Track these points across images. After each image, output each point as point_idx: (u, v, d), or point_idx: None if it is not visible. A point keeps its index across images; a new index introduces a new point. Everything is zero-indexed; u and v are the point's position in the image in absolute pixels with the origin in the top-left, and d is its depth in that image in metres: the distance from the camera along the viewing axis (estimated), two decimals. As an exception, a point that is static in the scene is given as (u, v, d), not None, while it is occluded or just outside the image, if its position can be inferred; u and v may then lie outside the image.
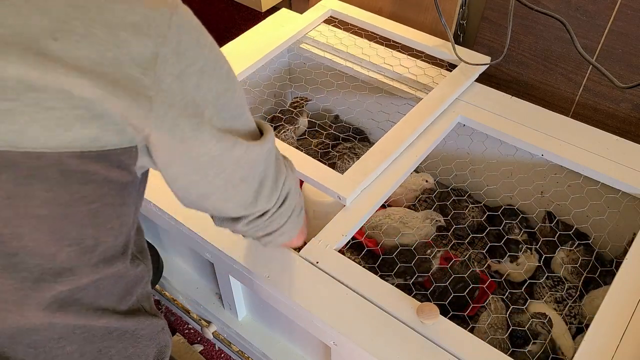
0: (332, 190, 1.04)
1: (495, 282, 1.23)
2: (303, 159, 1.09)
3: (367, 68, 1.40)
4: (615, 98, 1.26)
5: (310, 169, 1.07)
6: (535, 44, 1.31)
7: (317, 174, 1.06)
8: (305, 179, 1.07)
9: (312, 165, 1.08)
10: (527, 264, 1.21)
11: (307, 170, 1.06)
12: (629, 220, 1.17)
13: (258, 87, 1.46)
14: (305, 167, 1.07)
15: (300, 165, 1.06)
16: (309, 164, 1.08)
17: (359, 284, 0.93)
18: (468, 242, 1.35)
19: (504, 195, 1.32)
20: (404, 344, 0.85)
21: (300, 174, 1.06)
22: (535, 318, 1.06)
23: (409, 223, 1.25)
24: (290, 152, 1.11)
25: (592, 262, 1.18)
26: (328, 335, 0.91)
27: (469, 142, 1.31)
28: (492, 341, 1.02)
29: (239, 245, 1.00)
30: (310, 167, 1.07)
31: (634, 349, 0.85)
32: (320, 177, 1.06)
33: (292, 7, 1.73)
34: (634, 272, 0.95)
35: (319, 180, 1.05)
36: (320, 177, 1.06)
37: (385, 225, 1.25)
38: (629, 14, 1.15)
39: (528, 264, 1.21)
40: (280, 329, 1.16)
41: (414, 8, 1.44)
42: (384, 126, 1.37)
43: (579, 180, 1.20)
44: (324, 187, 1.05)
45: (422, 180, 1.35)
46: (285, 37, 1.39)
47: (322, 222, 1.04)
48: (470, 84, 1.27)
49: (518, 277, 1.21)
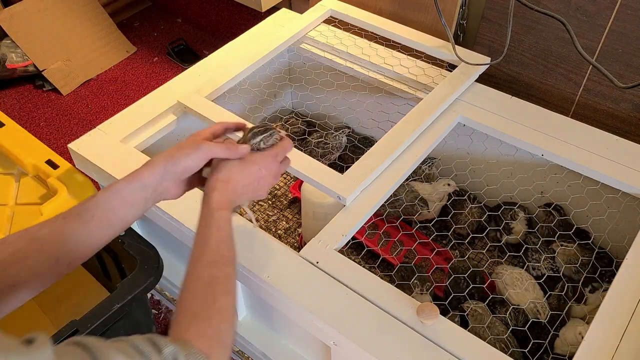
0: (332, 190, 1.04)
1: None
2: (303, 159, 1.09)
3: (367, 68, 1.39)
4: (615, 98, 1.26)
5: (310, 169, 1.07)
6: (535, 44, 1.31)
7: (317, 174, 1.06)
8: (305, 179, 1.07)
9: (312, 165, 1.08)
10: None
11: (307, 170, 1.06)
12: (629, 220, 1.17)
13: (258, 87, 1.46)
14: (305, 167, 1.07)
15: (300, 165, 1.06)
16: (309, 164, 1.08)
17: (359, 284, 0.93)
18: (468, 242, 1.35)
19: (504, 195, 1.32)
20: (404, 344, 0.85)
21: (301, 174, 1.06)
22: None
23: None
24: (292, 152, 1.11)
25: (592, 262, 1.18)
26: (328, 335, 0.91)
27: (469, 142, 1.31)
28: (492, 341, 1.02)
29: (239, 245, 0.99)
30: (310, 167, 1.07)
31: (634, 349, 0.85)
32: (320, 177, 1.05)
33: (292, 7, 1.74)
34: (634, 272, 0.95)
35: (319, 180, 1.05)
36: (320, 177, 1.06)
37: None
38: (629, 14, 1.15)
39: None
40: (280, 329, 1.16)
41: (414, 8, 1.44)
42: (384, 126, 1.37)
43: (579, 180, 1.20)
44: (324, 187, 1.05)
45: (444, 185, 1.34)
46: (285, 37, 1.39)
47: (322, 222, 1.04)
48: (470, 84, 1.27)
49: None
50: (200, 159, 0.78)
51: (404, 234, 1.37)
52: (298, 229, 1.44)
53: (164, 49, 2.18)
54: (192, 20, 2.30)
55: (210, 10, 2.18)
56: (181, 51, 2.14)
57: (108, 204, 0.73)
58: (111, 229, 0.74)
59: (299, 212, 1.47)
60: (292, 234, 1.43)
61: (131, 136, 1.19)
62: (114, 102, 1.98)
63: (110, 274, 1.26)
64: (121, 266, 1.17)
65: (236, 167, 0.79)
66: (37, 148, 1.29)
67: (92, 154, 1.14)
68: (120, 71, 2.11)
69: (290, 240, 1.42)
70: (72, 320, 0.95)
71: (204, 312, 0.67)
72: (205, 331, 0.65)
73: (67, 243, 0.70)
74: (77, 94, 2.02)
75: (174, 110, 1.25)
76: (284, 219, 1.47)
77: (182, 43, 2.17)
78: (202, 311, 0.67)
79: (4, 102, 1.99)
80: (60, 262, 0.70)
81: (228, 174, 0.78)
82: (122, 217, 0.74)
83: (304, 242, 1.32)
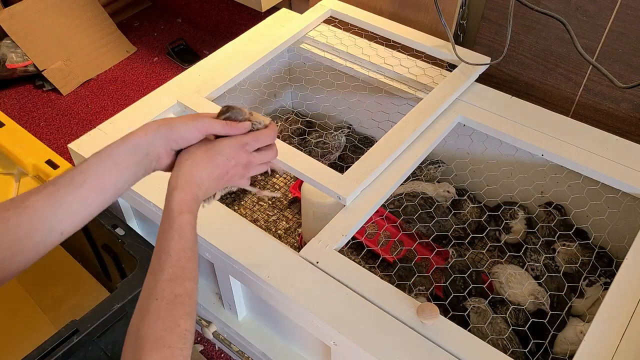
0: (332, 190, 1.04)
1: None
2: (303, 159, 1.09)
3: (367, 68, 1.39)
4: (615, 98, 1.26)
5: (311, 169, 1.07)
6: (535, 44, 1.31)
7: (317, 174, 1.06)
8: (305, 179, 1.07)
9: (312, 165, 1.08)
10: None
11: (307, 170, 1.06)
12: (629, 220, 1.17)
13: (258, 87, 1.46)
14: (305, 167, 1.06)
15: (300, 165, 1.06)
16: (309, 164, 1.08)
17: (359, 284, 0.93)
18: (468, 242, 1.35)
19: (504, 195, 1.32)
20: (404, 344, 0.85)
21: (301, 174, 1.06)
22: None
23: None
24: (292, 152, 1.11)
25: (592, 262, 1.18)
26: (328, 335, 0.91)
27: (469, 142, 1.31)
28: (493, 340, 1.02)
29: (239, 245, 1.00)
30: (310, 167, 1.07)
31: (634, 349, 0.85)
32: (320, 177, 1.05)
33: (292, 7, 1.74)
34: (634, 272, 0.95)
35: (319, 180, 1.05)
36: (320, 177, 1.06)
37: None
38: (629, 14, 1.15)
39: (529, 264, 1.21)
40: (280, 329, 1.16)
41: (414, 8, 1.44)
42: (384, 126, 1.37)
43: (579, 180, 1.20)
44: (324, 187, 1.05)
45: (444, 192, 1.33)
46: (285, 37, 1.39)
47: (322, 222, 1.04)
48: (470, 84, 1.27)
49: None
50: (198, 130, 0.74)
51: (404, 234, 1.37)
52: (298, 229, 1.44)
53: (164, 49, 2.18)
54: (192, 20, 2.30)
55: (210, 10, 2.18)
56: (181, 51, 2.14)
57: (99, 166, 0.70)
58: (104, 194, 0.70)
59: (299, 212, 1.47)
60: (292, 234, 1.43)
61: (131, 136, 1.19)
62: (114, 102, 1.98)
63: (110, 274, 1.26)
64: (121, 266, 1.17)
65: (201, 160, 0.74)
66: (37, 148, 1.29)
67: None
68: (120, 71, 2.11)
69: (290, 240, 1.42)
70: (72, 320, 0.95)
71: (166, 339, 0.63)
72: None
73: (59, 210, 0.67)
74: (77, 94, 2.02)
75: (174, 110, 1.25)
76: (284, 219, 1.47)
77: (182, 43, 2.17)
78: (164, 337, 0.63)
79: (4, 102, 1.99)
80: (53, 232, 0.67)
81: (190, 167, 0.73)
82: (114, 181, 0.71)
83: (304, 242, 1.32)
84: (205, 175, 0.74)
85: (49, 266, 1.36)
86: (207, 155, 0.74)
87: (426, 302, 0.89)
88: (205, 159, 0.74)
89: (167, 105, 1.24)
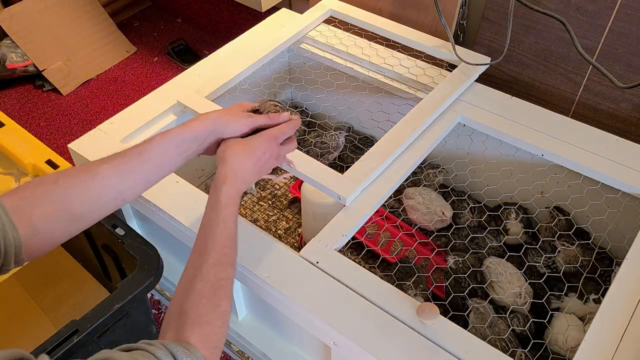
0: (332, 190, 1.04)
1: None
2: (303, 159, 1.09)
3: (367, 68, 1.39)
4: (615, 98, 1.26)
5: (311, 169, 1.07)
6: (535, 44, 1.31)
7: (317, 174, 1.06)
8: (305, 179, 1.07)
9: (312, 165, 1.08)
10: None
11: (307, 171, 1.06)
12: (629, 220, 1.17)
13: (258, 87, 1.46)
14: (305, 167, 1.06)
15: (300, 166, 1.06)
16: (309, 164, 1.08)
17: (359, 284, 0.93)
18: (468, 242, 1.35)
19: (504, 195, 1.32)
20: (404, 344, 0.85)
21: (301, 174, 1.06)
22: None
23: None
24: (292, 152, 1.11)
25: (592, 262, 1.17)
26: (328, 335, 0.91)
27: (469, 142, 1.31)
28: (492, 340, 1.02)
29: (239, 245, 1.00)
30: (310, 167, 1.07)
31: (634, 349, 0.85)
32: (320, 177, 1.05)
33: (292, 7, 1.73)
34: (634, 272, 0.95)
35: (319, 180, 1.05)
36: (320, 177, 1.06)
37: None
38: (629, 14, 1.15)
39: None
40: (280, 329, 1.16)
41: (414, 8, 1.44)
42: (384, 126, 1.37)
43: (579, 180, 1.20)
44: (324, 187, 1.05)
45: (440, 212, 1.31)
46: (285, 37, 1.39)
47: (322, 222, 1.04)
48: (470, 84, 1.27)
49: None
50: (247, 126, 0.84)
51: (404, 234, 1.37)
52: (298, 229, 1.44)
53: (164, 49, 2.18)
54: (192, 20, 2.30)
55: (210, 10, 2.17)
56: (181, 51, 2.14)
57: (163, 147, 0.78)
58: (159, 173, 0.79)
59: (299, 212, 1.47)
60: (292, 234, 1.43)
61: (131, 136, 1.19)
62: (114, 102, 1.98)
63: (110, 274, 1.26)
64: (121, 266, 1.17)
65: (242, 156, 0.81)
66: (37, 148, 1.29)
67: (92, 154, 1.14)
68: (120, 71, 2.11)
69: (290, 240, 1.42)
70: (72, 320, 0.95)
71: (208, 316, 0.68)
72: (209, 337, 0.66)
73: (126, 179, 0.75)
74: (77, 94, 2.02)
75: (174, 110, 1.25)
76: (284, 219, 1.47)
77: (182, 43, 2.17)
78: (207, 315, 0.68)
79: (4, 102, 1.99)
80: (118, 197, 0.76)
81: (235, 164, 0.80)
82: (172, 162, 0.80)
83: (304, 242, 1.32)
84: (247, 169, 0.82)
85: (49, 266, 1.36)
86: (246, 151, 0.82)
87: (426, 302, 0.89)
88: (246, 155, 0.82)
89: (167, 105, 1.24)
